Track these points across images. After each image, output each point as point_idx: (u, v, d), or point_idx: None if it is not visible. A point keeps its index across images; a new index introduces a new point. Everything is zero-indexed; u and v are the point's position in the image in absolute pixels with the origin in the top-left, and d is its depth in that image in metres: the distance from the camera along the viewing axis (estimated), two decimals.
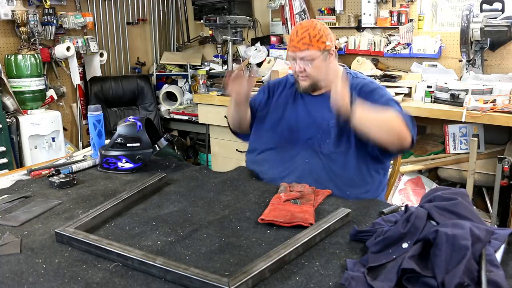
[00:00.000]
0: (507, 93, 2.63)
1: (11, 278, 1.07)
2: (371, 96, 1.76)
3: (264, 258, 1.07)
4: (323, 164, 1.77)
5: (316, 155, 1.79)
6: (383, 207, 1.44)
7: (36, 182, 1.72)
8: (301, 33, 1.76)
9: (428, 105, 2.82)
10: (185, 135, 4.39)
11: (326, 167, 1.77)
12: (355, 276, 0.99)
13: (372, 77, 3.14)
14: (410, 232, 1.06)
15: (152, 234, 1.29)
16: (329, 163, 1.77)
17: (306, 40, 1.74)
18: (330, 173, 1.76)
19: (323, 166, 1.77)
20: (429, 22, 3.43)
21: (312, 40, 1.74)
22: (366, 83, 1.83)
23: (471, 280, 0.91)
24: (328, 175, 1.76)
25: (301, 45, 1.75)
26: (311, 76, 1.79)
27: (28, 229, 1.34)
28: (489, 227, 1.06)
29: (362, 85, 1.82)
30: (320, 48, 1.75)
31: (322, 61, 1.78)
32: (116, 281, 1.06)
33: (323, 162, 1.77)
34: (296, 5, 3.76)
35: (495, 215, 2.66)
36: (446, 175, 2.90)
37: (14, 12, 3.25)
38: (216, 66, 4.19)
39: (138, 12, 4.38)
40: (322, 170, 1.77)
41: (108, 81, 3.95)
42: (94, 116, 1.90)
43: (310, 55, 1.75)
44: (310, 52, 1.75)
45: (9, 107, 3.20)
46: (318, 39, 1.75)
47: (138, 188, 1.56)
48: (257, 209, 1.44)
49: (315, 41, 1.74)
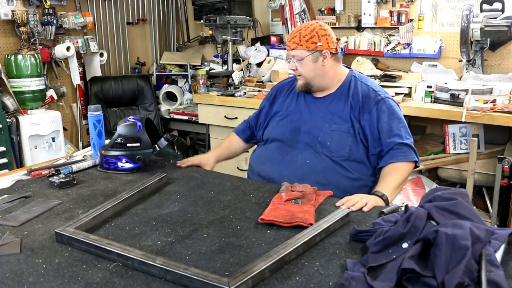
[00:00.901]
0: (507, 93, 2.63)
1: (11, 278, 1.07)
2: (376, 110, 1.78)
3: (264, 258, 1.08)
4: (324, 166, 1.77)
5: (317, 156, 1.79)
6: (383, 207, 1.44)
7: (36, 182, 1.72)
8: (293, 33, 1.83)
9: (428, 105, 2.82)
10: (185, 135, 4.39)
11: (327, 169, 1.77)
12: (355, 276, 0.99)
13: (372, 77, 3.14)
14: (410, 232, 1.06)
15: (152, 234, 1.29)
16: (330, 165, 1.77)
17: (296, 40, 1.81)
18: (331, 175, 1.76)
19: (324, 167, 1.77)
20: (429, 22, 3.43)
21: (301, 40, 1.79)
22: (371, 92, 1.83)
23: (471, 280, 0.91)
24: (329, 177, 1.76)
25: (291, 44, 1.82)
26: (302, 75, 1.84)
27: (28, 229, 1.34)
28: (489, 227, 1.06)
29: (367, 93, 1.83)
30: (309, 48, 1.79)
31: (311, 61, 1.81)
32: (116, 281, 1.06)
33: (324, 164, 1.78)
34: (296, 5, 3.76)
35: (495, 215, 2.66)
36: (446, 175, 2.90)
37: (14, 12, 3.25)
38: (216, 66, 4.19)
39: (138, 12, 4.38)
40: (323, 172, 1.77)
41: (108, 81, 3.95)
42: (94, 116, 1.90)
43: (298, 54, 1.81)
44: (298, 51, 1.81)
45: (9, 107, 3.20)
46: (308, 39, 1.79)
47: (138, 188, 1.56)
48: (257, 209, 1.44)
49: (304, 40, 1.79)
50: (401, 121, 1.80)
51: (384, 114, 1.78)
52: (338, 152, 1.78)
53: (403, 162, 1.72)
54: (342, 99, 1.84)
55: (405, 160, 1.73)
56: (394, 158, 1.72)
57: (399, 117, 1.81)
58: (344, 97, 1.84)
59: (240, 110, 3.31)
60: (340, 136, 1.79)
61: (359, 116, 1.79)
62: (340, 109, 1.83)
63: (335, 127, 1.80)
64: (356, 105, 1.81)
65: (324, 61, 1.81)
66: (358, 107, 1.80)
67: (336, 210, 1.37)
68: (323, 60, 1.81)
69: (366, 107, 1.79)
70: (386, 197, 1.57)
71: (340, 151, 1.78)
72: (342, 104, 1.83)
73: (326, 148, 1.79)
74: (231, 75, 3.60)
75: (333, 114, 1.83)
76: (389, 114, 1.78)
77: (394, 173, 1.70)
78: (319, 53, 1.80)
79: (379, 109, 1.78)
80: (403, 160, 1.72)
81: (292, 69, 1.85)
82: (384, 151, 1.76)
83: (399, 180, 1.69)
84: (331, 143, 1.79)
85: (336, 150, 1.78)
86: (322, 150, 1.79)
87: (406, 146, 1.74)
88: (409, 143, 1.76)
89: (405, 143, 1.74)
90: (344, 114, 1.82)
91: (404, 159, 1.72)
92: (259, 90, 3.40)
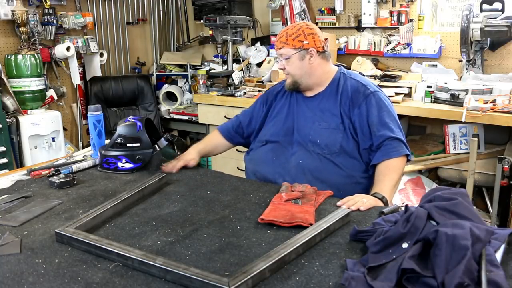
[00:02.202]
0: (507, 93, 2.63)
1: (11, 278, 1.07)
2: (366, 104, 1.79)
3: (264, 258, 1.07)
4: (315, 165, 1.78)
5: (309, 156, 1.80)
6: (383, 207, 1.44)
7: (36, 182, 1.72)
8: (280, 33, 1.87)
9: (428, 105, 2.82)
10: (185, 135, 4.39)
11: (319, 167, 1.78)
12: (355, 276, 0.99)
13: (372, 77, 3.14)
14: (410, 232, 1.06)
15: (152, 234, 1.29)
16: (322, 163, 1.78)
17: (282, 39, 1.84)
18: (323, 173, 1.77)
19: (316, 166, 1.78)
20: (429, 22, 3.43)
21: (288, 39, 1.83)
22: (360, 86, 1.84)
23: (471, 280, 0.91)
24: (322, 175, 1.77)
25: (278, 43, 1.86)
26: (290, 73, 1.87)
27: (28, 229, 1.34)
28: (489, 227, 1.06)
29: (356, 88, 1.84)
30: (295, 46, 1.82)
31: (298, 60, 1.83)
32: (116, 281, 1.06)
33: (316, 163, 1.78)
34: (296, 5, 3.76)
35: (495, 215, 2.66)
36: (446, 175, 2.90)
37: (14, 12, 3.25)
38: (216, 66, 4.19)
39: (138, 12, 4.38)
40: (316, 170, 1.77)
41: (108, 81, 3.95)
42: (94, 116, 1.90)
43: (285, 53, 1.84)
44: (285, 50, 1.84)
45: (9, 107, 3.20)
46: (295, 38, 1.82)
47: (138, 188, 1.56)
48: (257, 209, 1.44)
49: (290, 39, 1.82)
50: (390, 115, 1.80)
51: (373, 107, 1.78)
52: (329, 149, 1.79)
53: (396, 158, 1.73)
54: (332, 96, 1.86)
55: (397, 155, 1.73)
56: (387, 155, 1.73)
57: (389, 110, 1.81)
58: (334, 94, 1.86)
59: (240, 110, 3.26)
60: (330, 133, 1.80)
61: (349, 112, 1.81)
62: (330, 106, 1.84)
63: (324, 125, 1.82)
64: (346, 100, 1.83)
65: (311, 59, 1.83)
66: (348, 103, 1.82)
67: (336, 210, 1.37)
68: (310, 58, 1.83)
69: (356, 101, 1.81)
70: (385, 199, 1.58)
71: (331, 147, 1.79)
72: (332, 101, 1.85)
73: (317, 146, 1.80)
74: (231, 75, 3.60)
75: (323, 112, 1.84)
76: (379, 107, 1.79)
77: (390, 172, 1.71)
78: (305, 51, 1.82)
79: (369, 103, 1.79)
80: (395, 156, 1.73)
81: (281, 68, 1.89)
82: (375, 146, 1.76)
83: (395, 179, 1.70)
84: (321, 141, 1.80)
85: (327, 147, 1.79)
86: (313, 149, 1.80)
87: (396, 140, 1.75)
88: (399, 137, 1.76)
89: (395, 137, 1.75)
90: (334, 110, 1.83)
91: (396, 155, 1.73)
92: (259, 90, 3.40)
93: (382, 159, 1.73)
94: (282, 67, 1.88)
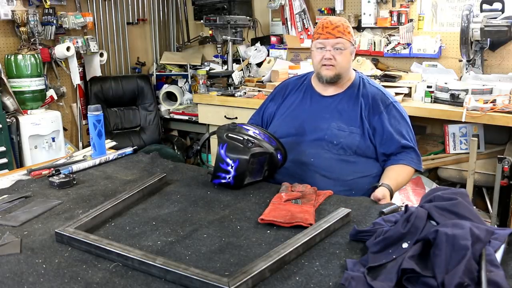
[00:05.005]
0: (507, 93, 2.63)
1: (11, 278, 1.07)
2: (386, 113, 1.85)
3: (264, 258, 1.07)
4: (330, 164, 1.78)
5: (323, 154, 1.80)
6: (383, 207, 1.44)
7: (36, 182, 1.72)
8: (335, 22, 1.84)
9: (428, 105, 2.82)
10: (185, 135, 4.39)
11: (332, 167, 1.78)
12: (355, 276, 0.99)
13: (372, 77, 3.14)
14: (410, 232, 1.06)
15: (152, 234, 1.29)
16: (336, 162, 1.78)
17: (340, 29, 1.83)
18: (336, 173, 1.77)
19: (329, 165, 1.78)
20: (429, 22, 3.43)
21: (345, 30, 1.84)
22: (380, 94, 1.89)
23: (471, 280, 0.91)
24: (333, 175, 1.77)
25: (336, 32, 1.83)
26: (338, 65, 1.85)
27: (28, 229, 1.34)
28: (489, 227, 1.05)
29: (375, 95, 1.88)
30: (351, 40, 1.86)
31: (350, 53, 1.87)
32: (116, 281, 1.06)
33: (330, 162, 1.78)
34: (296, 5, 3.76)
35: (495, 215, 2.66)
36: (446, 175, 2.90)
37: (14, 12, 3.24)
38: (216, 66, 4.19)
39: (138, 12, 4.37)
40: (328, 170, 1.78)
41: (108, 81, 3.94)
42: (94, 116, 1.90)
43: (343, 43, 1.83)
44: (344, 40, 1.83)
45: (9, 107, 3.20)
46: (349, 32, 1.85)
47: (138, 188, 1.56)
48: (257, 209, 1.44)
49: (347, 32, 1.84)
50: (409, 126, 1.88)
51: (394, 118, 1.85)
52: (345, 150, 1.81)
53: (411, 168, 1.82)
54: (352, 99, 1.88)
55: (413, 166, 1.82)
56: (405, 161, 1.81)
57: (407, 122, 1.89)
58: (354, 97, 1.88)
59: (240, 110, 3.31)
60: (348, 135, 1.82)
61: (369, 116, 1.85)
62: (350, 108, 1.86)
63: (342, 127, 1.83)
64: (366, 105, 1.86)
65: (352, 56, 1.89)
66: (368, 107, 1.86)
67: (336, 210, 1.37)
68: (352, 55, 1.89)
69: (376, 109, 1.85)
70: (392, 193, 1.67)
71: (347, 149, 1.81)
72: (352, 103, 1.87)
73: (333, 146, 1.81)
74: (231, 75, 3.60)
75: (341, 113, 1.85)
76: (400, 118, 1.86)
77: (402, 174, 1.79)
78: (354, 47, 1.88)
79: (389, 113, 1.85)
80: (412, 166, 1.82)
81: (329, 57, 1.83)
82: (395, 152, 1.83)
83: (402, 183, 1.79)
84: (338, 142, 1.81)
85: (343, 148, 1.81)
86: (328, 148, 1.81)
87: (414, 152, 1.84)
88: (417, 150, 1.86)
89: (414, 149, 1.84)
90: (354, 113, 1.85)
91: (413, 166, 1.82)
92: (259, 90, 3.40)
93: (400, 162, 1.81)
94: (330, 57, 1.83)
